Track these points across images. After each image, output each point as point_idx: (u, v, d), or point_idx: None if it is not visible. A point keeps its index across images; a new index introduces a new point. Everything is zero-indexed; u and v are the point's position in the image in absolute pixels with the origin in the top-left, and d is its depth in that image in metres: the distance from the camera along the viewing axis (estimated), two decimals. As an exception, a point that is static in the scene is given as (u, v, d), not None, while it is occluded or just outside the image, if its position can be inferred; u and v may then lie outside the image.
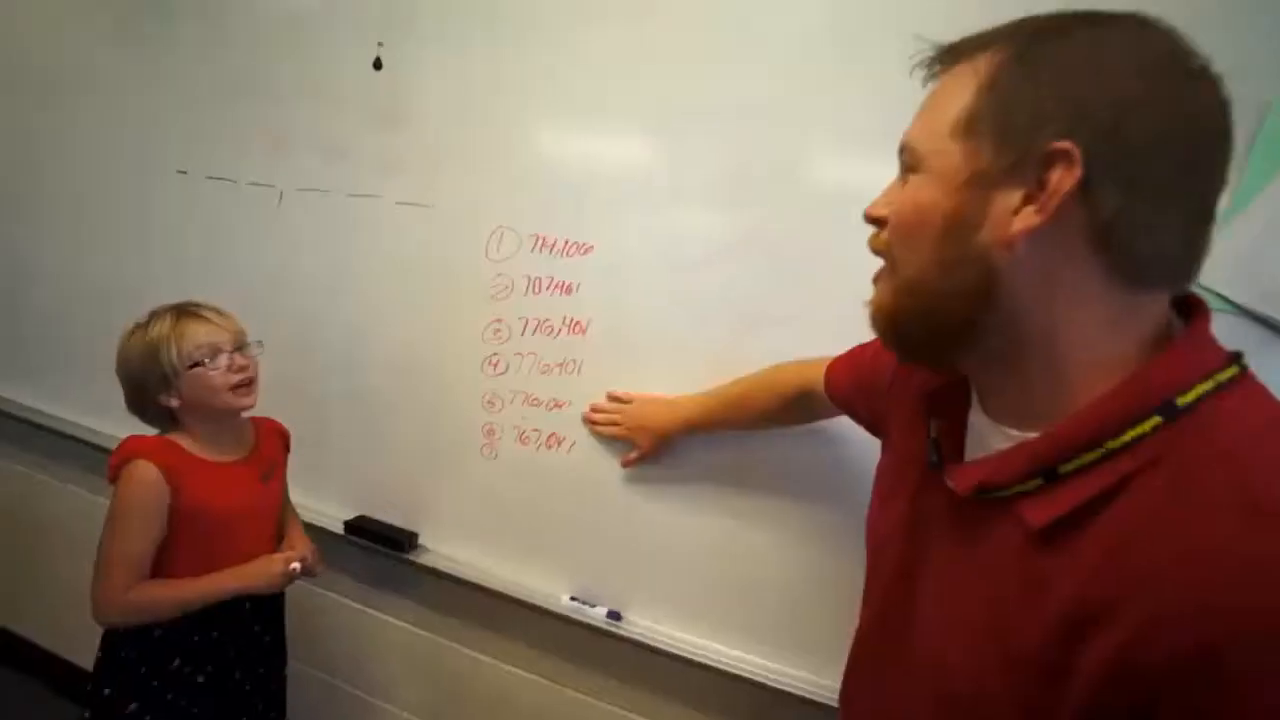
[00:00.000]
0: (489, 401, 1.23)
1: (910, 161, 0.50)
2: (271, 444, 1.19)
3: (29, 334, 1.70)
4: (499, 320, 1.21)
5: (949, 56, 0.50)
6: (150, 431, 1.08)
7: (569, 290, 1.16)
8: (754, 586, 1.10)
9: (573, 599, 1.20)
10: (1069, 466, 0.45)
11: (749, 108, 1.02)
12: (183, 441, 1.06)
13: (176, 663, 1.07)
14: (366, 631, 1.44)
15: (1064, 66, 0.44)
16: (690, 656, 1.12)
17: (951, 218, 0.46)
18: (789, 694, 1.06)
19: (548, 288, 1.17)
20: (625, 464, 1.15)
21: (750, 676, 1.08)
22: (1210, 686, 0.37)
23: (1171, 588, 0.39)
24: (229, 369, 1.03)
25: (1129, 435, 0.43)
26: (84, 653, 1.74)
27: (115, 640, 1.07)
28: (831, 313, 0.97)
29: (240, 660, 1.14)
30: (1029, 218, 0.44)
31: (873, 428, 0.81)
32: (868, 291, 0.55)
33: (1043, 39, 0.45)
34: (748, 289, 1.05)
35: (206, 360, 1.02)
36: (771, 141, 1.02)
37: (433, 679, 1.40)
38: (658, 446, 1.11)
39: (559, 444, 1.20)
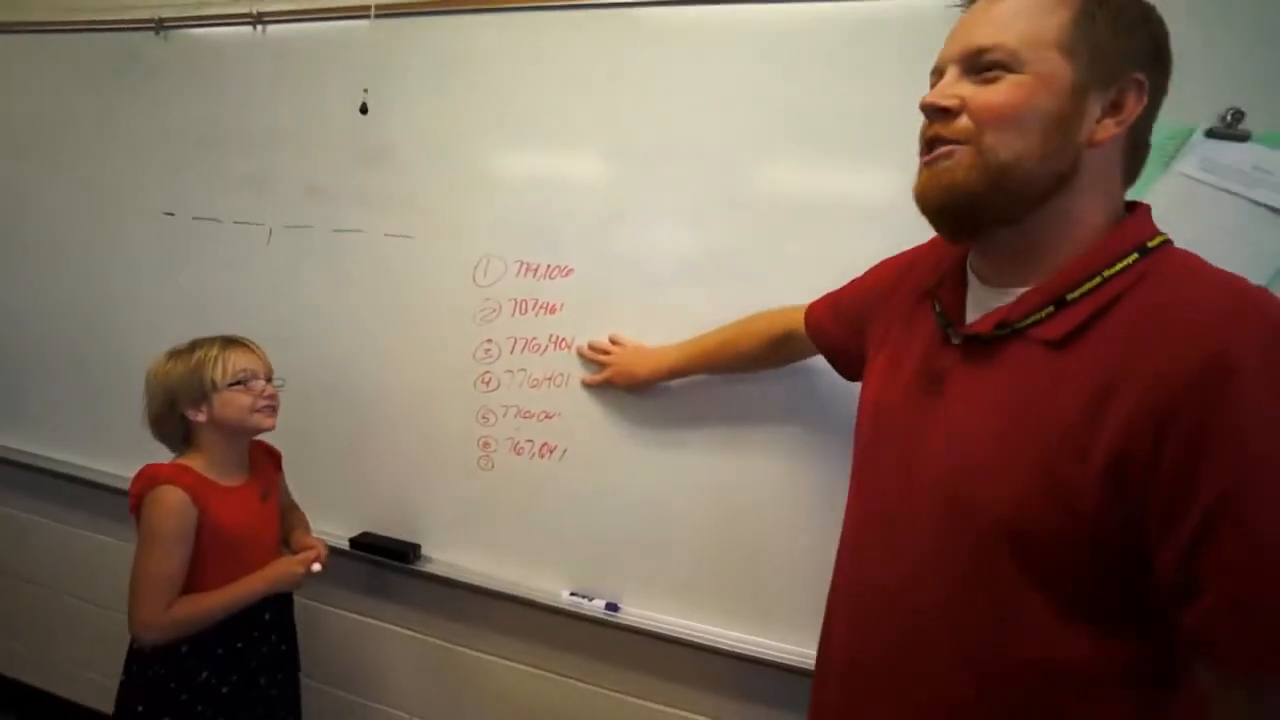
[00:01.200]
0: (483, 416, 1.33)
1: (1007, 62, 0.60)
2: (265, 464, 1.27)
3: (9, 375, 1.75)
4: (489, 341, 1.30)
5: None
6: (164, 456, 1.16)
7: (553, 310, 1.26)
8: (739, 569, 1.19)
9: (572, 594, 1.28)
10: (1075, 294, 0.60)
11: (706, 144, 1.15)
12: (194, 465, 1.13)
13: (204, 675, 1.14)
14: (374, 640, 1.50)
15: (1135, 15, 0.60)
16: (685, 638, 1.20)
17: (1061, 115, 0.60)
18: (776, 664, 1.15)
19: (533, 309, 1.28)
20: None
21: (739, 651, 1.17)
22: (1218, 399, 0.49)
23: (1177, 337, 0.53)
24: (260, 394, 1.14)
25: (1119, 265, 0.60)
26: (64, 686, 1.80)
27: (144, 659, 1.13)
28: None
29: (261, 669, 1.22)
30: (1111, 128, 0.60)
31: (846, 359, 0.94)
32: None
33: None
34: (711, 301, 1.16)
35: (245, 381, 1.12)
36: (728, 173, 1.14)
37: (440, 681, 1.47)
38: (634, 389, 1.22)
39: (551, 452, 1.29)
